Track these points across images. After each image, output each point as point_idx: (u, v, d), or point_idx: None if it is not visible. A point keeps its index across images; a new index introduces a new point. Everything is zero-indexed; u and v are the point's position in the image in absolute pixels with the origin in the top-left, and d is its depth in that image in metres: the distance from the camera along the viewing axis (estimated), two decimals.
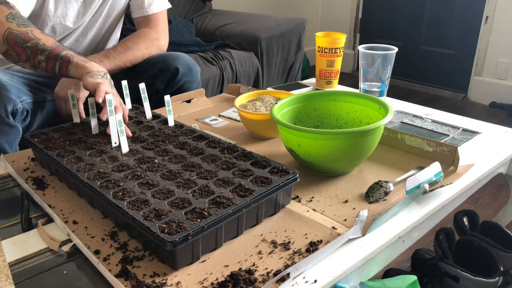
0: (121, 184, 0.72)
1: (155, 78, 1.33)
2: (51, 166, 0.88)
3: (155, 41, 1.34)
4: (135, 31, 1.37)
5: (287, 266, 0.61)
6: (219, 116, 1.20)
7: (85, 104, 0.92)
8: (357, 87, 1.32)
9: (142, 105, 1.05)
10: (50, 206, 0.77)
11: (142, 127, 0.98)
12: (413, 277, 0.63)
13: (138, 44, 1.29)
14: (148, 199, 0.68)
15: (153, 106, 1.41)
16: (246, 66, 2.16)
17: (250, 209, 0.67)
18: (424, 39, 3.11)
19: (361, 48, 1.24)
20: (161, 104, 1.37)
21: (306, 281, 0.59)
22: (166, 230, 0.59)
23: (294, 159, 0.89)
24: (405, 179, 0.78)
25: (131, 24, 2.06)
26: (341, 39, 1.36)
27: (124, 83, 1.03)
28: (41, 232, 0.72)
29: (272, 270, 0.61)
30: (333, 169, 0.86)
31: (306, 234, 0.69)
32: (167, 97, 0.98)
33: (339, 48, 1.37)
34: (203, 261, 0.63)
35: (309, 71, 3.21)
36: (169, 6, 1.38)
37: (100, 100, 0.92)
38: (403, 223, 0.72)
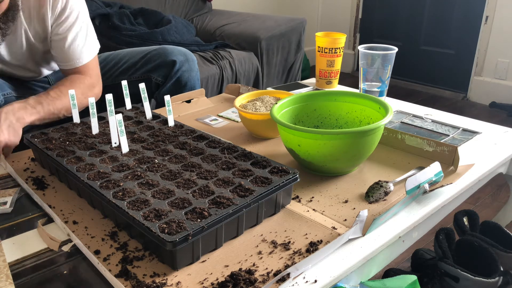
0: (121, 184, 0.72)
1: (151, 72, 1.34)
2: (51, 166, 0.88)
3: (91, 87, 1.18)
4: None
5: (287, 266, 0.61)
6: (218, 116, 1.20)
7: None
8: (357, 87, 1.32)
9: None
10: (50, 206, 0.77)
11: (142, 127, 0.98)
12: (413, 277, 0.63)
13: (71, 86, 1.12)
14: (148, 199, 0.67)
15: (155, 105, 1.43)
16: (246, 66, 2.16)
17: (250, 209, 0.67)
18: (424, 39, 3.11)
19: (361, 48, 1.24)
20: (162, 104, 1.38)
21: (306, 281, 0.59)
22: (166, 230, 0.59)
23: (294, 159, 0.89)
24: (405, 179, 0.78)
25: (130, 23, 2.06)
26: (341, 39, 1.36)
27: (124, 83, 1.03)
28: (41, 232, 0.72)
29: (272, 270, 0.61)
30: (333, 169, 0.86)
31: (306, 234, 0.69)
32: (167, 97, 0.98)
33: (339, 48, 1.37)
34: (203, 261, 0.63)
35: (309, 71, 3.20)
36: (98, 48, 1.24)
37: None
38: (403, 223, 0.72)
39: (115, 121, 0.85)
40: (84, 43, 1.17)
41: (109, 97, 0.90)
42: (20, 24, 1.11)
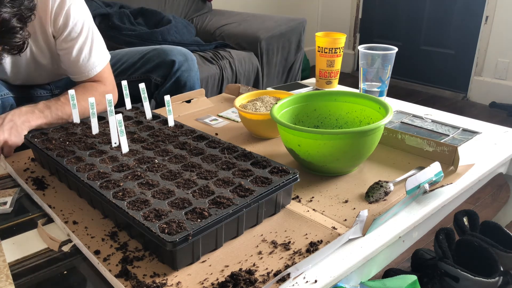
0: (121, 184, 0.72)
1: (151, 73, 1.33)
2: (51, 166, 0.88)
3: (105, 95, 1.13)
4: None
5: (287, 266, 0.61)
6: (218, 116, 1.20)
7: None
8: (357, 87, 1.32)
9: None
10: (50, 206, 0.77)
11: (142, 127, 0.98)
12: (413, 277, 0.63)
13: (85, 95, 1.11)
14: (148, 199, 0.67)
15: (155, 105, 1.43)
16: (246, 66, 2.16)
17: (250, 209, 0.67)
18: (424, 39, 3.11)
19: (361, 48, 1.24)
20: (161, 104, 1.38)
21: (307, 281, 0.59)
22: (166, 230, 0.59)
23: (294, 159, 0.89)
24: (405, 179, 0.78)
25: (130, 23, 2.06)
26: (341, 39, 1.36)
27: (124, 83, 1.03)
28: (41, 232, 0.72)
29: (272, 270, 0.60)
30: (333, 169, 0.86)
31: (306, 234, 0.69)
32: (167, 97, 0.98)
33: (339, 48, 1.37)
34: (203, 261, 0.63)
35: (309, 71, 3.21)
36: (108, 57, 1.21)
37: None
38: (403, 223, 0.72)
39: (115, 121, 0.85)
40: (90, 55, 1.14)
41: (109, 97, 0.90)
42: None
